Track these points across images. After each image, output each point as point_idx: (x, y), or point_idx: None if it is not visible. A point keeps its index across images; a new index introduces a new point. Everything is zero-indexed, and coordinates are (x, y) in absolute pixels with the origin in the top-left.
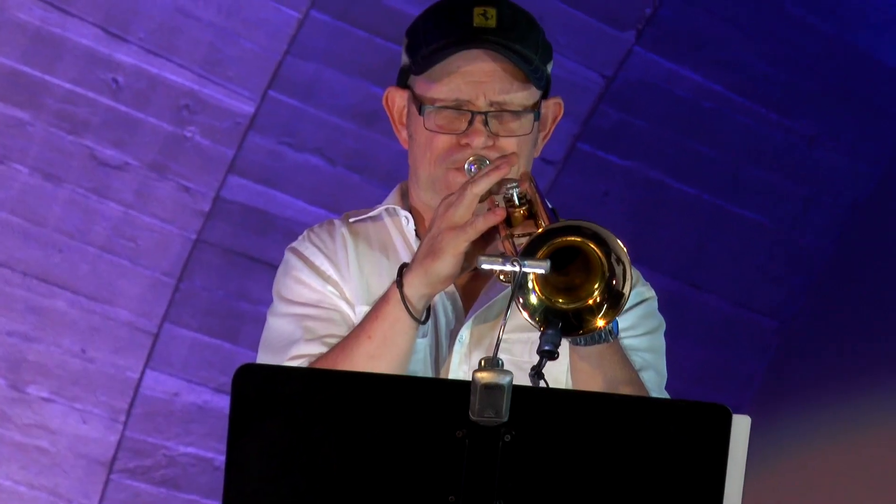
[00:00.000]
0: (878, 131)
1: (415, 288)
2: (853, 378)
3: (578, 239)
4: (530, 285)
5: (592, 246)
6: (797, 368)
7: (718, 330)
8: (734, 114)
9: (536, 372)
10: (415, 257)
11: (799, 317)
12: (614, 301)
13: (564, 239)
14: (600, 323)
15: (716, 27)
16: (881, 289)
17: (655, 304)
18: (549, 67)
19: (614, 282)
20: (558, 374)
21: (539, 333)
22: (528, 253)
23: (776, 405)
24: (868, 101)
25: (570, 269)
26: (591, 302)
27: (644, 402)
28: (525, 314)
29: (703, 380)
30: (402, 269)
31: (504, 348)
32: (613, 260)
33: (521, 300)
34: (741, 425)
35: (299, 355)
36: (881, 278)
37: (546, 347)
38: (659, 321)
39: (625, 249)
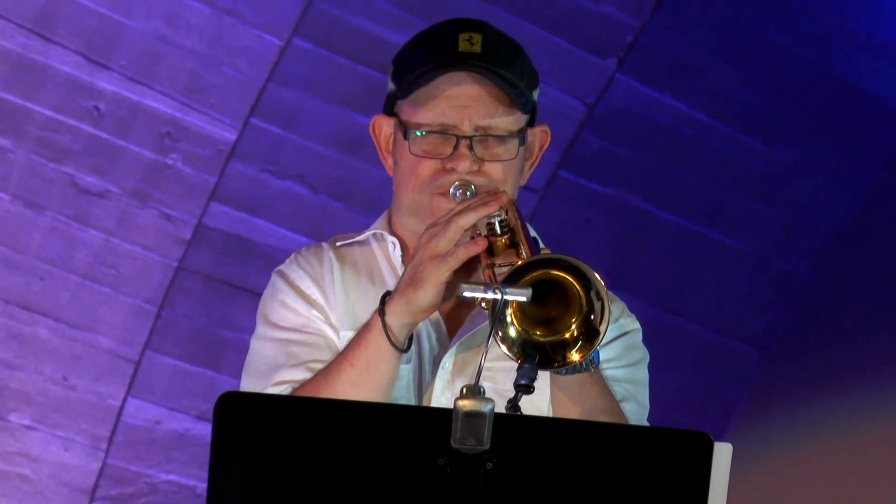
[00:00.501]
0: (859, 159)
1: (397, 317)
2: (835, 405)
3: (558, 272)
4: (509, 318)
5: (572, 280)
6: (779, 396)
7: (700, 357)
8: (715, 141)
9: (513, 405)
10: (397, 286)
11: (780, 344)
12: (590, 336)
13: (544, 272)
14: (575, 357)
15: (697, 55)
16: (862, 316)
17: (639, 336)
18: (536, 94)
19: (592, 317)
20: (540, 404)
21: (517, 365)
22: (509, 283)
23: (758, 433)
24: (849, 129)
25: (548, 301)
26: (567, 335)
27: (626, 430)
28: (503, 347)
29: (685, 407)
30: (385, 298)
31: (487, 376)
32: (593, 295)
33: (499, 333)
34: (723, 453)
35: (283, 381)
36: (862, 306)
37: (522, 381)
38: (642, 353)
39: (604, 286)
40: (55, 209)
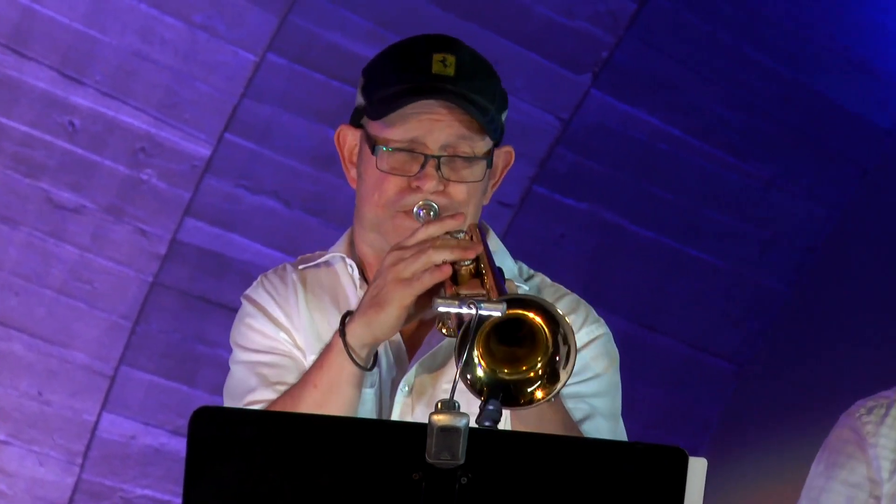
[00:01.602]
0: (834, 175)
1: (357, 337)
2: (809, 421)
3: (527, 312)
4: (476, 360)
5: (540, 320)
6: (754, 411)
7: (675, 373)
8: (691, 157)
9: None
10: (359, 306)
11: (756, 360)
12: (553, 379)
13: (514, 312)
14: (539, 395)
15: (672, 70)
16: (837, 332)
17: (606, 339)
18: (504, 116)
19: (557, 358)
20: None
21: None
22: (482, 300)
23: (733, 448)
24: (825, 144)
25: (515, 339)
26: (532, 375)
27: (601, 445)
28: (468, 388)
29: (660, 422)
30: (345, 318)
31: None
32: (559, 338)
33: (468, 377)
34: (697, 468)
35: (253, 401)
36: (837, 322)
37: (486, 423)
38: (610, 358)
39: (573, 331)
40: (30, 225)
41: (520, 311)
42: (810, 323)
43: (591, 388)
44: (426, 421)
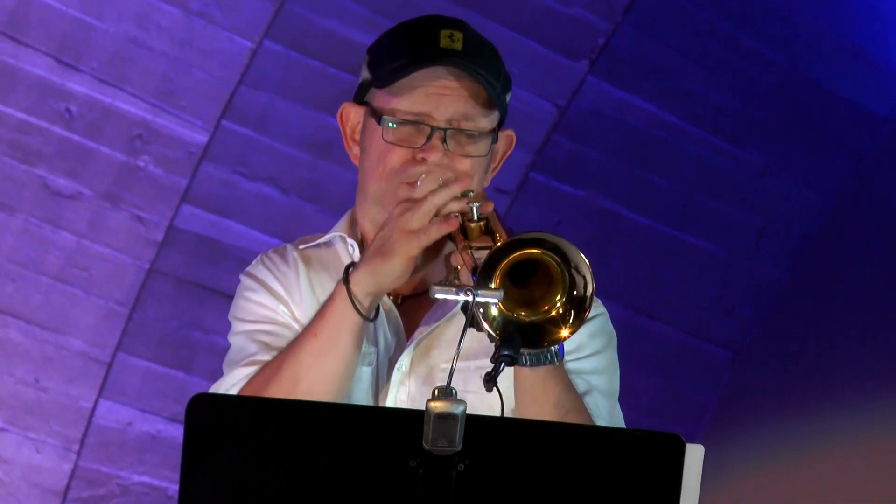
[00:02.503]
0: (830, 162)
1: (361, 286)
2: (805, 408)
3: (539, 251)
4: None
5: (553, 258)
6: (750, 398)
7: (672, 360)
8: (687, 144)
9: (491, 378)
10: (364, 256)
11: (752, 347)
12: (578, 310)
13: (526, 252)
14: (565, 333)
15: (669, 57)
16: (833, 319)
17: (604, 319)
18: (508, 97)
19: (575, 292)
20: (493, 403)
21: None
22: (489, 265)
23: (729, 435)
24: (820, 131)
25: (530, 281)
26: (554, 314)
27: (598, 432)
28: (486, 325)
29: (657, 410)
30: (349, 268)
31: (442, 378)
32: (574, 270)
33: (482, 311)
34: (694, 454)
35: (252, 362)
36: (833, 308)
37: (505, 352)
38: (608, 338)
39: (587, 261)
40: (27, 211)
41: (531, 252)
42: (806, 310)
43: (589, 365)
44: (422, 400)
